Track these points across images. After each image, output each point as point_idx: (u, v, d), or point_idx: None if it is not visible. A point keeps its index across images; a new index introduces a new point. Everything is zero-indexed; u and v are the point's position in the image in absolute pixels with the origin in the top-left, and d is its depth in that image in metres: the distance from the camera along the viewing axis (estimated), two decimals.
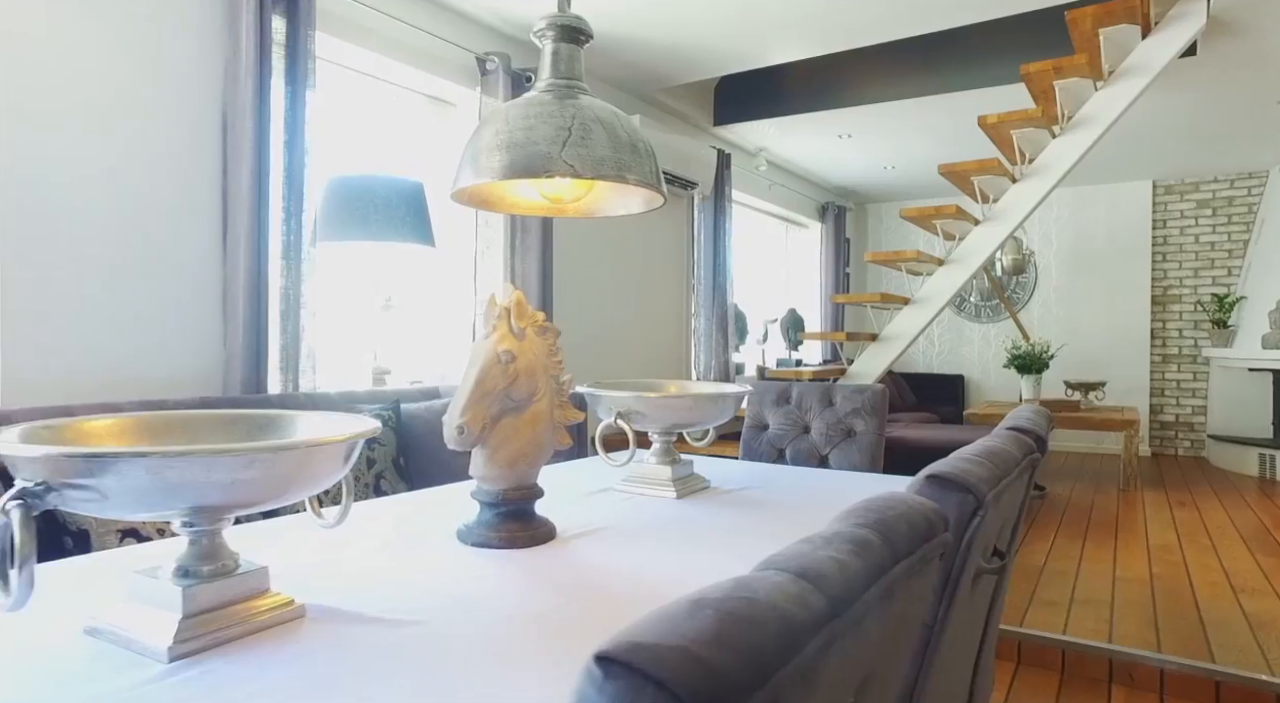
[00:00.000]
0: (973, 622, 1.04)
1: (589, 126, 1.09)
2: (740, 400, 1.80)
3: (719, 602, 0.45)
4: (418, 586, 1.12)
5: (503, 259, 3.49)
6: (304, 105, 2.48)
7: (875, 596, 0.55)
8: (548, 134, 1.08)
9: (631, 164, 1.12)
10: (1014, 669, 2.60)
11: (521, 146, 1.08)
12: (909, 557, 0.62)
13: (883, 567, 0.57)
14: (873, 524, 0.62)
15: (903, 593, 0.62)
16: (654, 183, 1.17)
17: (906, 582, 0.62)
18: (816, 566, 0.52)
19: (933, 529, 0.67)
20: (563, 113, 1.09)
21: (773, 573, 0.51)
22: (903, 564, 0.60)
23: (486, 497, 1.38)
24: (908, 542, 0.62)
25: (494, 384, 1.35)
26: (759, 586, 0.48)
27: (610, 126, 1.11)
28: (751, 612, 0.44)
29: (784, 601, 0.46)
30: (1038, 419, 1.44)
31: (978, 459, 0.94)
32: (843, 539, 0.58)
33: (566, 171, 1.08)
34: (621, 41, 3.78)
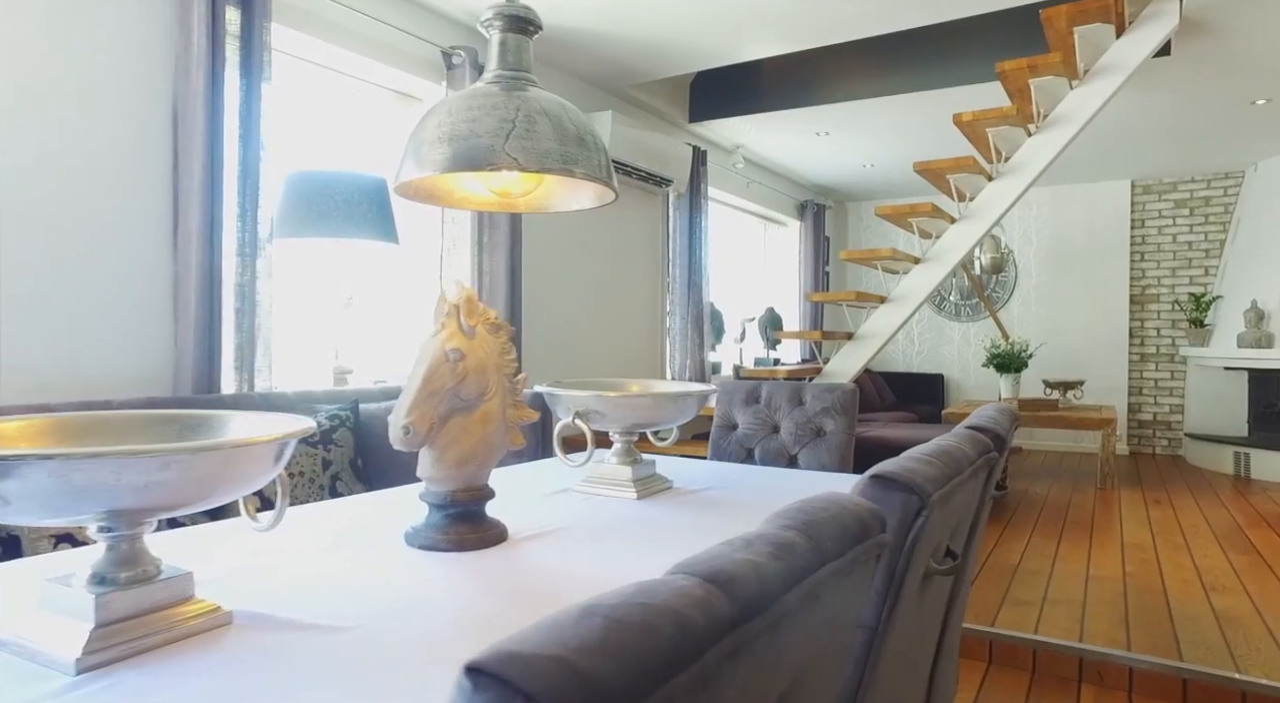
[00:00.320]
0: (925, 623, 1.01)
1: (534, 118, 1.05)
2: (704, 400, 1.77)
3: (612, 608, 0.42)
4: (357, 590, 1.08)
5: (469, 256, 3.45)
6: (259, 98, 2.42)
7: (796, 599, 0.52)
8: (491, 126, 1.04)
9: (579, 157, 1.08)
10: (985, 669, 2.59)
11: (464, 139, 1.05)
12: (838, 559, 0.59)
13: (806, 569, 0.54)
14: (800, 526, 0.59)
15: (832, 596, 0.59)
16: (603, 177, 1.14)
17: (836, 584, 0.59)
18: (729, 569, 0.49)
19: (867, 531, 0.64)
20: (507, 104, 1.06)
21: (681, 577, 0.48)
22: (830, 566, 0.57)
23: (434, 498, 1.34)
24: (837, 543, 0.59)
25: (441, 383, 1.31)
26: (661, 590, 0.44)
27: (556, 119, 1.08)
28: (645, 618, 0.41)
29: (685, 606, 0.43)
30: (1000, 418, 1.42)
31: (927, 459, 0.91)
32: (765, 541, 0.54)
33: (510, 165, 1.04)
34: (593, 36, 3.74)
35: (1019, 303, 7.51)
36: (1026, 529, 4.18)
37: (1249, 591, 3.15)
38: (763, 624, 0.47)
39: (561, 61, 4.06)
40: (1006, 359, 6.58)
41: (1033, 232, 7.46)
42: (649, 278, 5.03)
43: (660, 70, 4.22)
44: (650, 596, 0.44)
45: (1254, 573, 3.39)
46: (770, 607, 0.48)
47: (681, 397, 1.68)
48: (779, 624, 0.49)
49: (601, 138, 1.19)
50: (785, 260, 7.33)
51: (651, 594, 0.44)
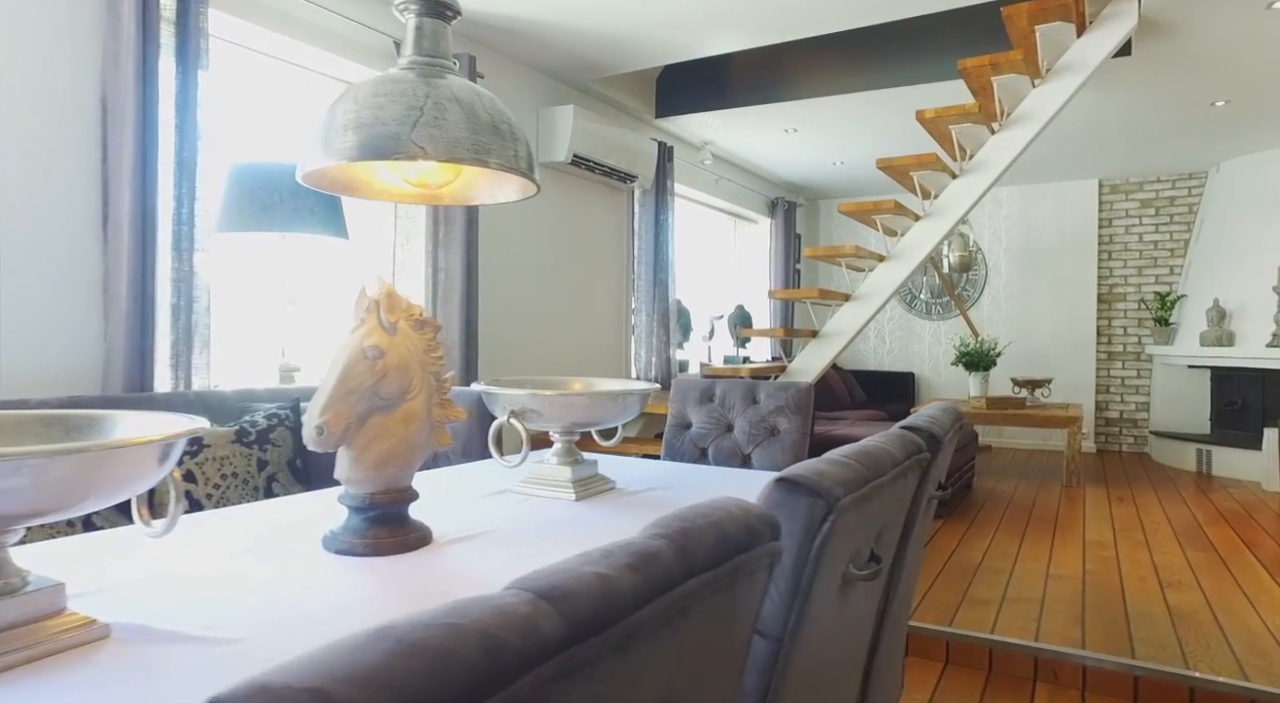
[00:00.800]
0: (850, 629, 0.97)
1: (444, 106, 1.00)
2: (645, 399, 1.72)
3: (410, 630, 0.37)
4: (256, 599, 1.02)
5: (424, 252, 3.38)
6: (196, 87, 2.34)
7: (655, 615, 0.47)
8: (398, 113, 0.99)
9: (492, 147, 1.03)
10: (941, 669, 2.57)
11: (369, 126, 0.99)
12: (713, 569, 0.54)
13: (668, 582, 0.49)
14: (672, 534, 0.54)
15: (708, 609, 0.54)
16: (521, 168, 1.08)
17: (713, 597, 0.55)
18: (569, 584, 0.44)
19: (755, 538, 0.60)
20: (416, 91, 1.00)
21: (511, 593, 0.43)
22: (702, 577, 0.52)
23: (353, 501, 1.28)
24: (713, 552, 0.55)
25: (359, 381, 1.25)
26: (476, 609, 0.39)
27: (469, 106, 1.02)
28: (445, 642, 0.36)
29: (500, 626, 0.38)
30: (940, 418, 1.39)
31: (843, 461, 0.87)
32: (626, 552, 0.50)
33: (418, 153, 0.99)
34: (554, 28, 3.68)
35: (989, 301, 7.55)
36: (991, 528, 4.18)
37: (1203, 587, 3.16)
38: (604, 644, 0.42)
39: (521, 54, 4.00)
40: (975, 357, 6.61)
41: (1003, 231, 7.50)
42: (614, 275, 4.98)
43: (623, 64, 4.17)
44: (461, 615, 0.39)
45: (1209, 570, 3.41)
46: (615, 625, 0.43)
47: (620, 396, 1.63)
48: (630, 643, 0.45)
49: (521, 128, 1.14)
50: (756, 258, 7.31)
51: (463, 614, 0.39)
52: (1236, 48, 3.83)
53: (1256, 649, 2.51)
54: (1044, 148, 5.87)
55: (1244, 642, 2.57)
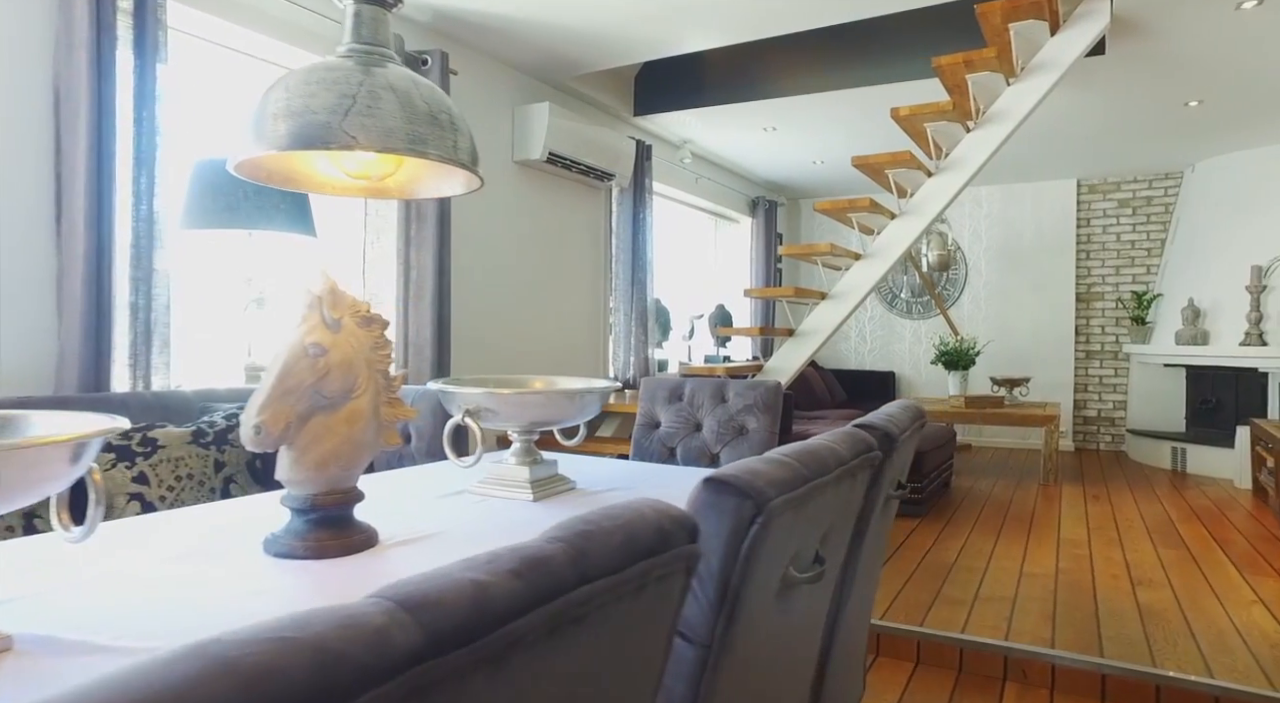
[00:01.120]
0: (793, 632, 0.95)
1: (378, 94, 0.96)
2: (605, 397, 1.69)
3: (232, 646, 0.34)
4: (182, 605, 0.98)
5: (394, 251, 3.33)
6: (154, 80, 2.29)
7: (540, 623, 0.44)
8: (329, 102, 0.95)
9: (429, 137, 1.00)
10: (912, 669, 2.56)
11: (300, 115, 0.96)
12: (614, 574, 0.51)
13: (557, 588, 0.46)
14: (570, 538, 0.51)
15: (609, 616, 0.51)
16: (460, 160, 1.05)
17: (616, 603, 0.52)
18: (438, 592, 0.41)
19: (666, 541, 0.57)
20: (349, 79, 0.97)
21: (371, 602, 0.40)
22: (600, 583, 0.50)
23: (294, 502, 1.25)
24: (616, 557, 0.52)
25: (299, 380, 1.22)
26: (318, 621, 0.36)
27: (405, 96, 0.99)
28: (271, 659, 0.33)
29: (343, 640, 0.35)
30: (898, 416, 1.37)
31: (782, 460, 0.84)
32: (514, 557, 0.47)
33: (349, 143, 0.95)
34: (529, 25, 3.64)
35: (969, 300, 7.57)
36: (967, 527, 4.18)
37: (1173, 584, 3.17)
38: (473, 657, 0.39)
39: (496, 51, 3.96)
40: (954, 356, 6.63)
41: (982, 230, 7.52)
42: (591, 274, 4.95)
43: (599, 62, 4.14)
44: (300, 628, 0.36)
45: (1180, 567, 3.42)
46: (488, 635, 0.40)
47: (578, 394, 1.60)
48: (508, 655, 0.42)
49: (462, 118, 1.10)
50: (737, 257, 7.30)
51: (303, 626, 0.36)
52: (1207, 48, 3.85)
53: (1222, 646, 2.51)
54: (1022, 147, 5.89)
55: (1211, 639, 2.58)
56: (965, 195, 7.55)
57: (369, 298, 3.42)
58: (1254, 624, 2.71)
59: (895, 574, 3.32)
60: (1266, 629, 2.67)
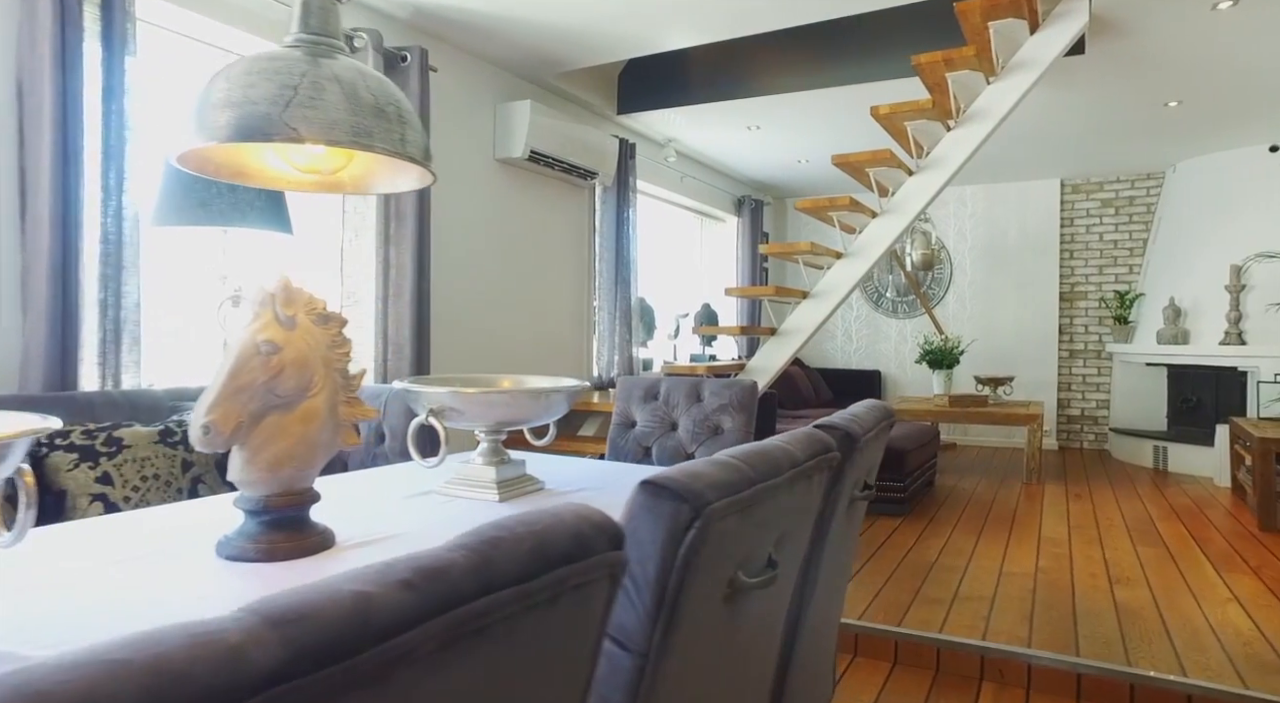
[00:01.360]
0: (746, 639, 0.93)
1: (321, 85, 0.94)
2: (573, 396, 1.68)
3: (50, 672, 0.32)
4: (121, 610, 0.96)
5: (373, 248, 3.30)
6: (123, 73, 2.25)
7: (432, 637, 0.42)
8: (269, 93, 0.93)
9: (375, 130, 0.97)
10: (889, 670, 2.55)
11: (240, 106, 0.93)
12: (523, 583, 0.49)
13: (454, 599, 0.44)
14: (476, 545, 0.49)
15: (519, 627, 0.50)
16: (409, 153, 1.03)
17: (526, 614, 0.50)
18: (313, 605, 0.39)
19: (585, 548, 0.55)
20: (291, 70, 0.94)
21: (235, 617, 0.38)
22: (505, 593, 0.48)
23: (247, 504, 1.22)
24: (525, 565, 0.50)
25: (251, 378, 1.19)
26: (167, 640, 0.34)
27: (350, 87, 0.97)
28: (95, 687, 0.31)
29: (189, 660, 0.33)
30: (863, 416, 1.35)
31: (728, 462, 0.83)
32: (407, 566, 0.45)
33: (290, 135, 0.93)
34: (511, 22, 3.62)
35: (954, 300, 7.59)
36: (949, 526, 4.18)
37: (1150, 582, 3.17)
38: (348, 675, 0.37)
39: (477, 48, 3.93)
40: (939, 355, 6.64)
41: (967, 229, 7.54)
42: (575, 273, 4.92)
43: (581, 59, 4.12)
44: (139, 648, 0.34)
45: (1158, 565, 3.43)
46: (367, 651, 0.38)
47: (543, 394, 1.58)
48: (391, 672, 0.40)
49: (413, 112, 1.08)
50: (724, 257, 7.29)
51: (143, 646, 0.34)
52: (1185, 48, 3.86)
53: (1196, 644, 2.51)
54: (1006, 147, 5.90)
55: (1185, 637, 2.58)
56: (950, 195, 7.56)
57: (347, 296, 3.39)
58: (1228, 622, 2.72)
59: (876, 574, 3.32)
60: (1240, 627, 2.67)
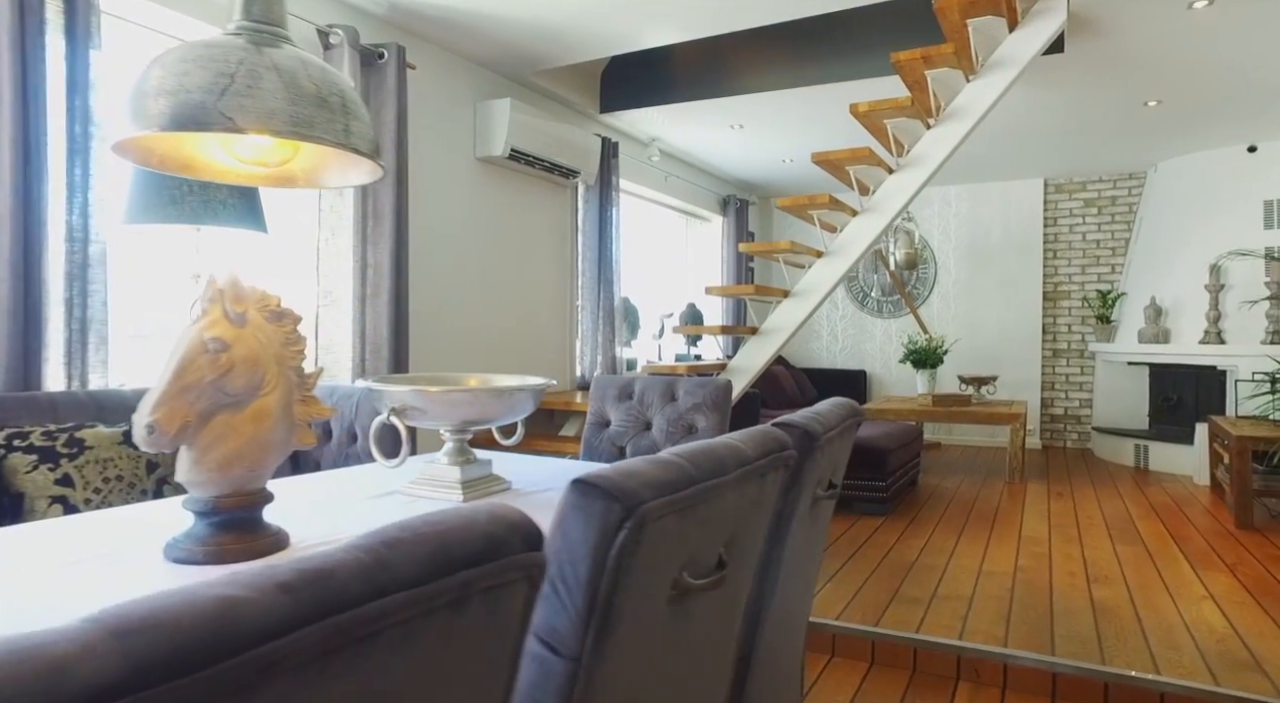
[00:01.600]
0: (695, 643, 0.91)
1: (259, 74, 0.92)
2: (539, 395, 1.66)
3: None
4: (56, 616, 0.93)
5: (350, 247, 3.27)
6: (88, 67, 2.22)
7: (310, 645, 0.40)
8: (204, 81, 0.91)
9: (316, 120, 0.95)
10: (866, 670, 2.54)
11: (173, 94, 0.91)
12: (420, 587, 0.47)
13: (336, 604, 0.42)
14: (374, 546, 0.47)
15: (418, 632, 0.47)
16: (353, 145, 1.01)
17: (424, 619, 0.48)
18: (169, 612, 0.37)
19: (496, 549, 0.53)
20: (227, 58, 0.92)
21: (73, 628, 0.35)
22: (399, 597, 0.46)
23: (196, 505, 1.20)
24: (426, 567, 0.48)
25: (198, 376, 1.17)
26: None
27: (290, 76, 0.94)
28: None
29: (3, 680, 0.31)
30: (825, 414, 1.34)
31: (670, 461, 0.81)
32: (290, 569, 0.43)
33: (225, 125, 0.90)
34: (490, 19, 3.59)
35: (939, 299, 7.60)
36: (931, 525, 4.18)
37: (1128, 581, 3.18)
38: (198, 688, 0.35)
39: (456, 45, 3.90)
40: (923, 355, 6.65)
41: (952, 229, 7.55)
42: (556, 272, 4.90)
43: (561, 57, 4.10)
44: None
45: (1135, 564, 3.43)
46: (229, 660, 0.36)
47: (507, 392, 1.56)
48: (260, 681, 0.38)
49: (360, 104, 1.06)
50: (709, 256, 7.28)
51: None
52: (1162, 48, 3.87)
53: (1170, 643, 2.51)
54: (989, 147, 5.92)
55: (1160, 635, 2.58)
56: (935, 194, 7.58)
57: (324, 295, 3.35)
58: (1202, 620, 2.72)
59: (855, 574, 3.31)
60: (1214, 625, 2.68)
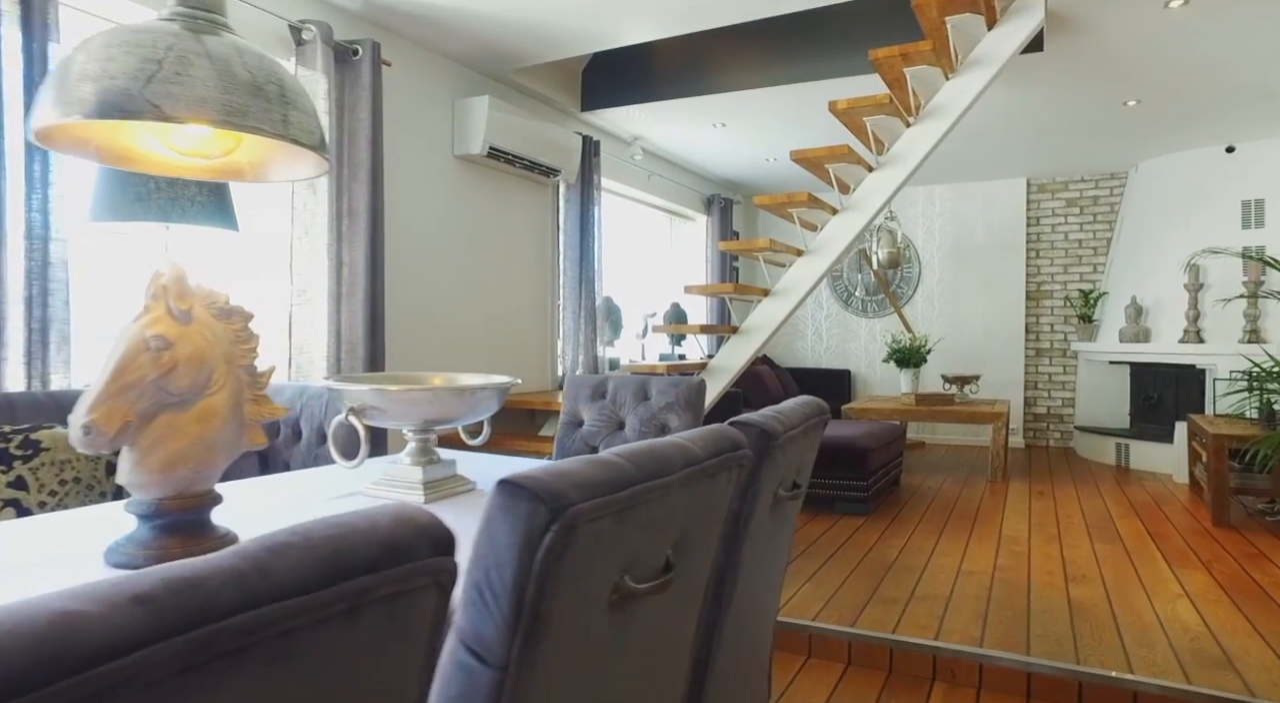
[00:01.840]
0: (640, 648, 0.89)
1: (189, 60, 0.88)
2: (503, 394, 1.63)
3: None
4: None
5: (325, 245, 3.22)
6: (46, 60, 2.17)
7: (165, 659, 0.37)
8: (129, 67, 0.87)
9: (251, 109, 0.92)
10: (842, 671, 2.52)
11: (97, 81, 0.87)
12: (306, 595, 0.44)
13: (200, 616, 0.39)
14: (256, 552, 0.45)
15: (299, 645, 0.45)
16: (292, 135, 0.97)
17: (310, 630, 0.45)
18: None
19: (396, 555, 0.51)
20: (155, 43, 0.88)
21: None
22: (278, 607, 0.43)
23: (138, 508, 1.16)
24: (312, 574, 0.45)
25: (139, 375, 1.13)
26: None
27: (224, 63, 0.91)
28: None
29: None
30: (787, 413, 1.32)
31: (608, 461, 0.78)
32: (151, 579, 0.40)
33: (151, 113, 0.87)
34: (467, 15, 3.56)
35: (923, 299, 7.61)
36: (912, 525, 4.17)
37: (1105, 580, 3.18)
38: None
39: (434, 42, 3.87)
40: (906, 354, 6.65)
41: (936, 228, 7.57)
42: (538, 271, 4.87)
43: (540, 54, 4.06)
44: None
45: (1113, 562, 3.43)
46: (63, 681, 0.34)
47: (468, 391, 1.53)
48: (105, 700, 0.35)
49: (302, 94, 1.03)
50: (694, 255, 7.26)
51: None
52: (1140, 47, 3.88)
53: (1145, 641, 2.51)
54: (972, 146, 5.92)
55: (1135, 634, 2.58)
56: (919, 194, 7.59)
57: (298, 294, 3.31)
58: (1177, 618, 2.72)
59: (834, 574, 3.29)
60: (1188, 623, 2.68)
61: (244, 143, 1.13)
